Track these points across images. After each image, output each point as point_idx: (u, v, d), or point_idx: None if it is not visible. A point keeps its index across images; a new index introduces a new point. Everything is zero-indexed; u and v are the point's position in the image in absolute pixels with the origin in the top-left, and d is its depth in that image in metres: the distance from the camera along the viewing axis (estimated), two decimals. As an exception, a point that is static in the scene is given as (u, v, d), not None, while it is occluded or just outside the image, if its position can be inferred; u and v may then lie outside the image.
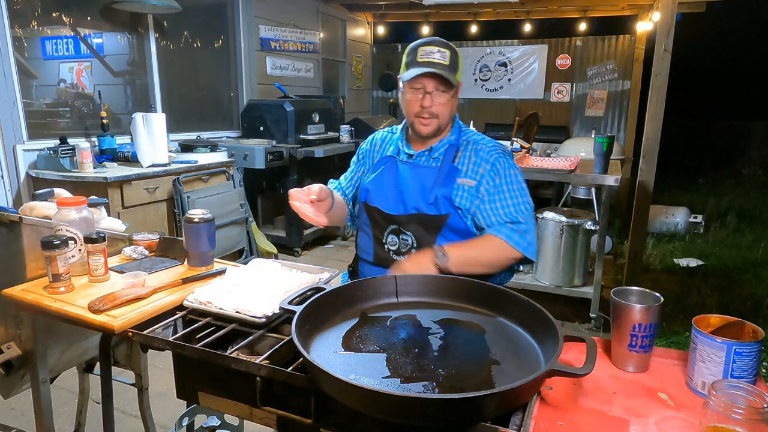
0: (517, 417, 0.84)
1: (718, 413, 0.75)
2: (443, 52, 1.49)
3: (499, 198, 1.52)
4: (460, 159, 1.57)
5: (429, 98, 1.51)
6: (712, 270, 4.41)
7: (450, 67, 1.49)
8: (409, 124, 1.60)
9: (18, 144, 3.22)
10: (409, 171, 1.59)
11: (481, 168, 1.54)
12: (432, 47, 1.50)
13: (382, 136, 1.76)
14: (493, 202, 1.52)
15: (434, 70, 1.46)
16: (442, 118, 1.54)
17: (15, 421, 2.26)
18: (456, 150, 1.58)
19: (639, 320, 1.02)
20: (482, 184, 1.53)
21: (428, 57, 1.49)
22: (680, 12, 5.39)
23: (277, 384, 0.98)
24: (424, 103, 1.51)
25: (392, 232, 1.58)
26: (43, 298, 1.24)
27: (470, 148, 1.58)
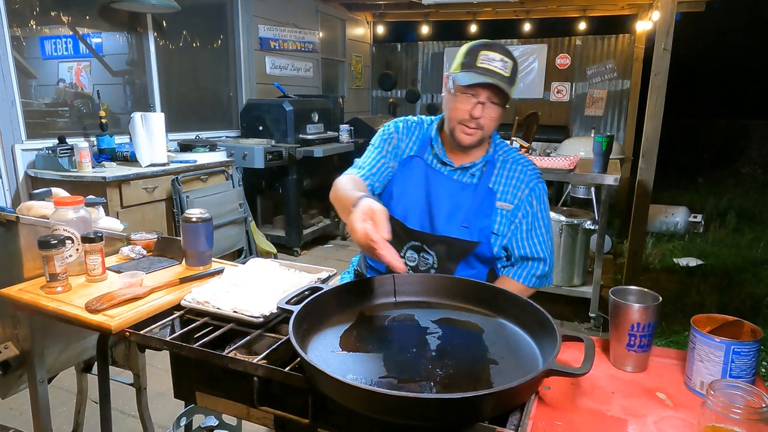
0: (515, 417, 0.84)
1: (716, 413, 0.75)
2: (506, 62, 1.37)
3: (535, 231, 1.48)
4: (496, 179, 1.48)
5: (480, 108, 1.38)
6: (711, 269, 4.41)
7: (509, 79, 1.37)
8: (449, 129, 1.45)
9: (17, 144, 3.22)
10: (443, 184, 1.47)
11: (519, 192, 1.47)
12: (495, 53, 1.37)
13: (409, 124, 1.58)
14: (529, 235, 1.48)
15: (494, 81, 1.34)
16: (487, 131, 1.43)
17: (13, 421, 2.25)
18: (493, 168, 1.49)
19: (637, 320, 1.01)
20: (520, 209, 1.47)
21: (489, 64, 1.36)
22: (680, 11, 5.39)
23: (274, 384, 0.98)
24: (474, 113, 1.38)
25: (413, 248, 1.49)
26: (40, 298, 1.24)
27: (507, 167, 1.49)
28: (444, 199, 1.47)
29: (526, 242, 1.49)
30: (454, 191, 1.47)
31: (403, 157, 1.54)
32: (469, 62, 1.38)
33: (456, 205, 1.46)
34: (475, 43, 1.42)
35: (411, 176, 1.50)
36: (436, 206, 1.47)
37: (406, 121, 1.59)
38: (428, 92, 7.84)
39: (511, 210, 1.47)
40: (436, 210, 1.46)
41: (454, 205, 1.46)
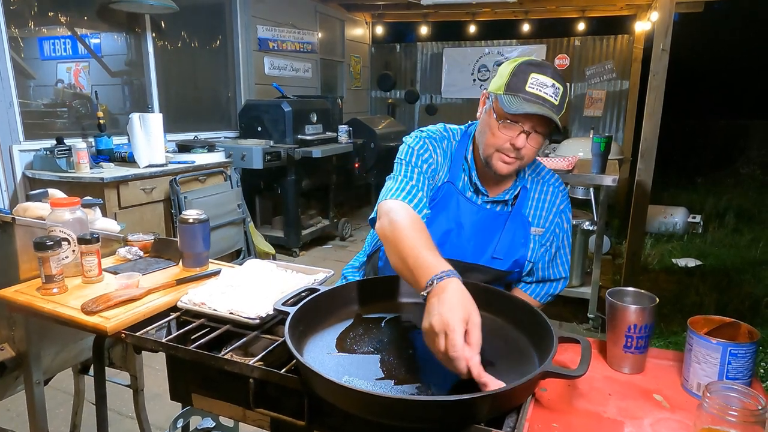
0: (512, 419, 0.84)
1: (712, 415, 0.74)
2: (557, 89, 1.22)
3: (560, 252, 1.45)
4: (529, 203, 1.40)
5: (524, 138, 1.24)
6: (710, 270, 4.41)
7: (559, 107, 1.23)
8: (485, 155, 1.31)
9: (14, 144, 3.22)
10: (475, 214, 1.37)
11: (551, 215, 1.40)
12: (547, 78, 1.22)
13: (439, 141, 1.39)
14: (555, 257, 1.45)
15: (545, 112, 1.19)
16: (527, 161, 1.29)
17: (10, 423, 2.25)
18: (526, 193, 1.40)
19: (634, 321, 1.01)
20: (550, 232, 1.41)
21: (540, 90, 1.21)
22: (678, 12, 5.40)
23: (270, 385, 0.97)
24: (517, 143, 1.24)
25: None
26: (36, 300, 1.23)
27: (538, 189, 1.41)
28: (477, 231, 1.36)
29: (551, 264, 1.47)
30: (487, 223, 1.37)
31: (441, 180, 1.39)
32: (516, 84, 1.22)
33: (488, 237, 1.36)
34: (524, 61, 1.26)
35: (443, 203, 1.37)
36: (468, 238, 1.36)
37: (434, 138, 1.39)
38: (427, 93, 7.84)
39: (542, 234, 1.41)
40: (469, 242, 1.36)
41: (487, 237, 1.36)
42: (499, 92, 1.25)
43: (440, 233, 1.35)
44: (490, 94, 1.30)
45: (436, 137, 1.39)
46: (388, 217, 1.16)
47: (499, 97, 1.24)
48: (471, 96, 7.52)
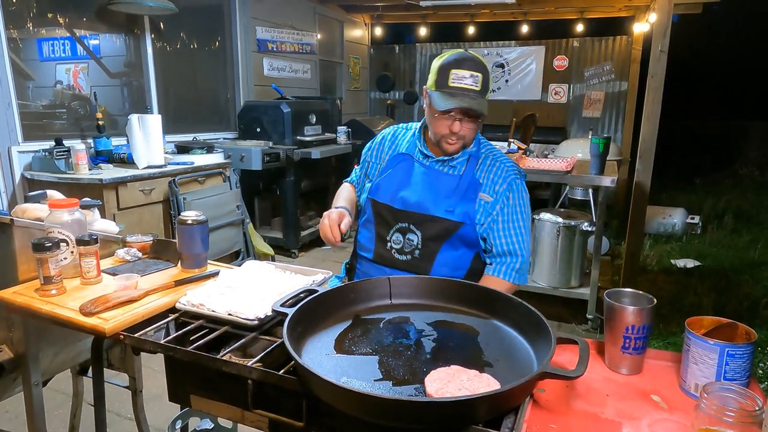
0: (510, 420, 0.84)
1: (709, 416, 0.74)
2: (475, 77, 1.43)
3: (511, 224, 1.54)
4: (479, 172, 1.56)
5: (458, 125, 1.47)
6: (709, 271, 4.41)
7: (481, 92, 1.45)
8: (435, 140, 1.55)
9: (13, 146, 3.22)
10: (427, 174, 1.57)
11: (498, 186, 1.54)
12: (464, 71, 1.43)
13: (395, 132, 1.72)
14: (505, 226, 1.54)
15: (464, 103, 1.42)
16: (468, 140, 1.53)
17: (8, 424, 2.25)
18: (476, 162, 1.57)
19: (632, 322, 1.01)
20: (498, 202, 1.54)
21: (460, 82, 1.43)
22: (677, 13, 5.40)
23: (268, 387, 0.97)
24: (454, 129, 1.47)
25: (399, 230, 1.57)
26: (34, 301, 1.23)
27: (489, 162, 1.57)
28: (428, 186, 1.55)
29: (503, 234, 1.55)
30: (438, 179, 1.56)
31: (388, 157, 1.67)
32: (441, 81, 1.45)
33: (440, 192, 1.54)
34: (446, 59, 1.47)
35: (398, 169, 1.61)
36: (422, 192, 1.55)
37: (383, 136, 1.73)
38: (426, 94, 7.83)
39: (491, 202, 1.54)
40: (422, 196, 1.54)
41: (438, 192, 1.54)
42: (431, 89, 1.49)
43: (399, 191, 1.57)
44: (426, 90, 1.52)
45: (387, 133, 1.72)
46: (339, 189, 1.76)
47: (431, 93, 1.49)
48: (470, 97, 7.51)
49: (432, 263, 1.54)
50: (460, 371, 0.90)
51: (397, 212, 1.56)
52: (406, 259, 1.55)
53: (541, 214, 3.54)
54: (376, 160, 1.71)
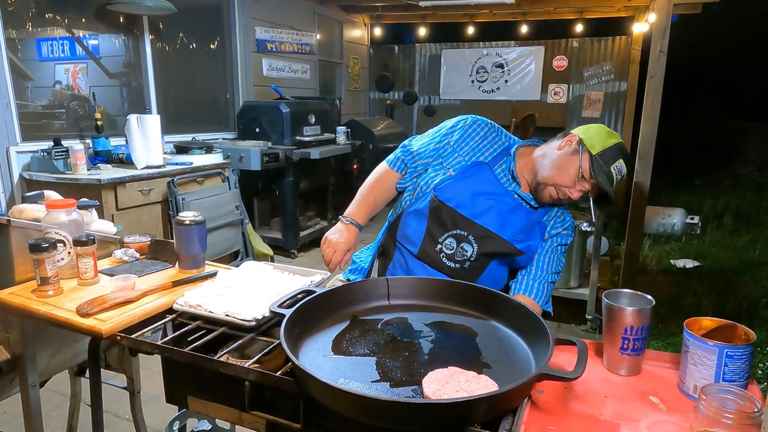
0: (508, 421, 0.84)
1: (708, 417, 0.74)
2: (622, 176, 1.46)
3: (551, 258, 1.55)
4: (546, 217, 1.57)
5: (578, 194, 1.46)
6: (708, 271, 4.41)
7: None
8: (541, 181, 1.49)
9: (11, 146, 3.21)
10: (503, 195, 1.52)
11: (557, 230, 1.56)
12: (624, 166, 1.45)
13: (488, 129, 1.60)
14: (545, 256, 1.54)
15: (609, 191, 1.42)
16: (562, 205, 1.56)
17: (6, 426, 2.24)
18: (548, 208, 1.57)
19: (631, 323, 1.01)
20: (549, 241, 1.55)
21: (618, 174, 1.44)
22: (676, 13, 5.40)
23: (266, 388, 0.97)
24: (573, 196, 1.45)
25: (454, 236, 1.50)
26: (31, 302, 1.23)
27: (557, 211, 1.58)
28: (503, 206, 1.51)
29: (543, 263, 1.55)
30: (512, 206, 1.52)
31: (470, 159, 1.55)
32: (606, 159, 1.42)
33: (511, 219, 1.50)
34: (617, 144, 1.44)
35: (476, 178, 1.52)
36: (493, 211, 1.50)
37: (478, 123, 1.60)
38: (426, 94, 7.83)
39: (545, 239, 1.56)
40: (493, 214, 1.50)
41: (510, 218, 1.50)
42: (593, 152, 1.43)
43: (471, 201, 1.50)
44: (581, 145, 1.45)
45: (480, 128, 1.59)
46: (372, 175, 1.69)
47: (592, 157, 1.42)
48: (469, 97, 7.53)
49: (478, 277, 1.51)
50: (458, 372, 0.90)
51: (460, 219, 1.49)
52: (454, 267, 1.51)
53: (540, 214, 3.53)
54: (459, 148, 1.56)
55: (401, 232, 1.57)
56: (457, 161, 1.55)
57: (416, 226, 1.54)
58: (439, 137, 1.60)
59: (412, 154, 1.61)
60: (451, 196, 1.50)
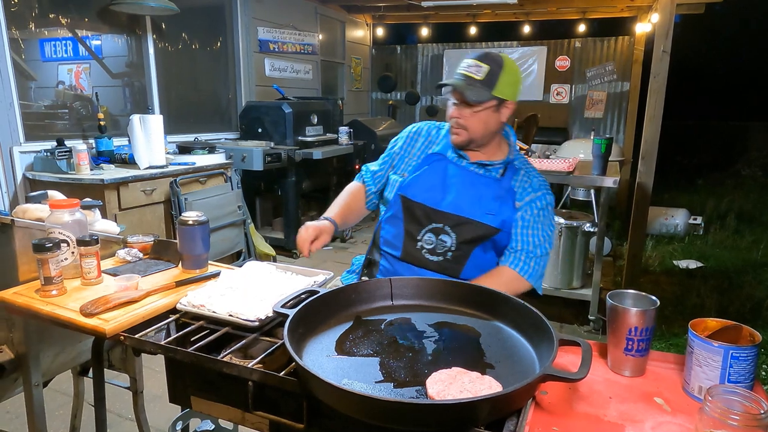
0: (512, 422, 0.83)
1: (714, 419, 0.74)
2: (480, 67, 1.48)
3: (533, 228, 1.53)
4: (514, 182, 1.57)
5: (456, 109, 1.52)
6: (711, 272, 4.40)
7: (483, 82, 1.47)
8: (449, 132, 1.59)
9: (15, 146, 3.22)
10: (462, 175, 1.57)
11: (527, 196, 1.55)
12: (472, 60, 1.50)
13: (428, 129, 1.70)
14: (526, 229, 1.53)
15: (456, 84, 1.48)
16: (472, 132, 1.53)
17: (9, 425, 2.25)
18: (513, 171, 1.58)
19: (635, 324, 1.01)
20: (524, 210, 1.54)
21: (465, 69, 1.49)
22: (679, 13, 5.39)
23: (269, 388, 0.97)
24: (452, 114, 1.53)
25: (432, 231, 1.54)
26: (35, 302, 1.23)
27: (523, 174, 1.58)
28: (465, 188, 1.55)
29: (522, 233, 1.54)
30: (475, 182, 1.55)
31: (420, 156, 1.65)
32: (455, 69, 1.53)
33: (479, 195, 1.54)
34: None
35: (432, 168, 1.59)
36: (458, 194, 1.54)
37: (418, 128, 1.71)
38: (428, 94, 7.83)
39: (519, 207, 1.55)
40: (459, 198, 1.54)
41: (476, 195, 1.54)
42: None
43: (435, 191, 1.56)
44: None
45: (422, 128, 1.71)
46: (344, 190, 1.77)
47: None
48: (471, 97, 7.51)
49: (464, 266, 1.53)
50: (462, 373, 0.90)
51: (432, 212, 1.54)
52: (437, 260, 1.53)
53: (542, 214, 3.53)
54: (406, 154, 1.68)
55: (383, 239, 1.64)
56: (409, 164, 1.65)
57: (395, 230, 1.60)
58: (388, 150, 1.74)
59: (371, 170, 1.76)
60: (416, 192, 1.57)
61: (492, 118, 1.52)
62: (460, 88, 1.48)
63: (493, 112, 1.51)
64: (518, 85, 1.55)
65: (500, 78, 1.48)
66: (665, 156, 4.26)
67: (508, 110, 1.54)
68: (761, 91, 11.85)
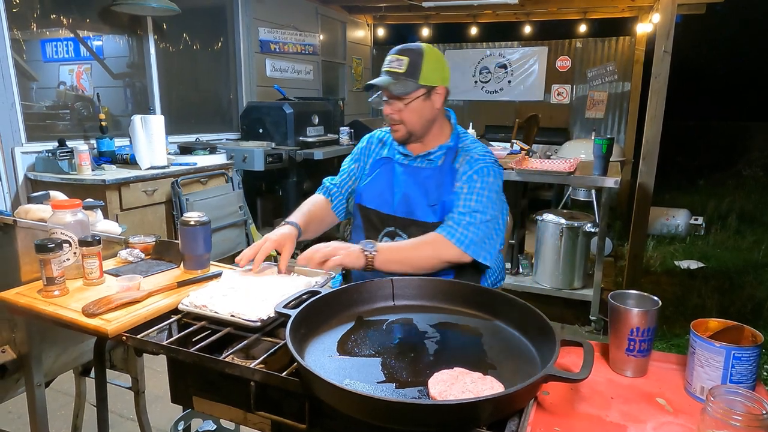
0: (514, 422, 0.83)
1: (716, 419, 0.74)
2: (400, 60, 1.51)
3: (467, 196, 1.50)
4: (456, 163, 1.58)
5: (388, 107, 1.54)
6: (712, 272, 4.39)
7: (405, 74, 1.49)
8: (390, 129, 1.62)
9: (16, 146, 3.22)
10: (407, 173, 1.60)
11: (466, 174, 1.54)
12: (392, 56, 1.53)
13: (380, 135, 1.76)
14: (461, 197, 1.50)
15: (380, 82, 1.51)
16: (410, 125, 1.54)
17: (11, 425, 2.25)
18: (454, 154, 1.58)
19: (637, 324, 1.01)
20: (462, 184, 1.53)
21: (388, 66, 1.53)
22: (680, 13, 5.38)
23: (271, 388, 0.97)
24: (385, 111, 1.55)
25: (387, 234, 1.59)
26: (37, 302, 1.23)
27: (465, 155, 1.57)
28: (410, 185, 1.57)
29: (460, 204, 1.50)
30: (418, 175, 1.58)
31: (371, 162, 1.70)
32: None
33: (423, 189, 1.56)
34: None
35: (380, 173, 1.64)
36: (404, 194, 1.57)
37: (371, 137, 1.77)
38: (429, 94, 7.83)
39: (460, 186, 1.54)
40: (405, 197, 1.56)
41: (420, 189, 1.56)
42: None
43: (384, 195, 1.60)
44: None
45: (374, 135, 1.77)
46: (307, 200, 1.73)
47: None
48: (472, 98, 7.52)
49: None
50: (464, 373, 0.90)
51: (384, 217, 1.59)
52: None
53: (544, 215, 3.53)
54: (363, 165, 1.73)
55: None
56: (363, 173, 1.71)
57: (359, 238, 1.64)
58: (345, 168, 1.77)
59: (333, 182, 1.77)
60: (369, 199, 1.62)
61: (425, 107, 1.53)
62: (385, 85, 1.50)
63: (424, 101, 1.52)
64: (444, 71, 1.55)
65: (423, 66, 1.50)
66: (666, 156, 4.26)
67: (440, 96, 1.54)
68: (762, 92, 11.84)
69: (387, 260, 1.38)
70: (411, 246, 1.45)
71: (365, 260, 1.36)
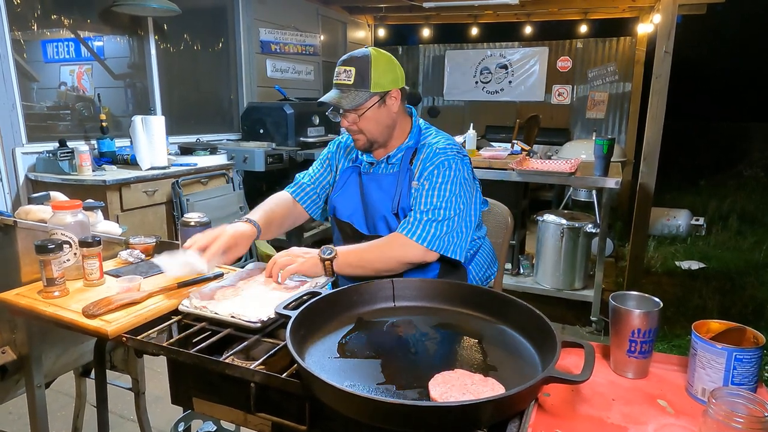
0: (514, 424, 0.83)
1: (717, 421, 0.73)
2: (348, 71, 1.47)
3: (428, 192, 1.45)
4: (414, 162, 1.53)
5: (344, 119, 1.51)
6: (713, 273, 4.39)
7: (355, 84, 1.46)
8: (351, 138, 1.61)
9: (17, 147, 3.22)
10: (371, 182, 1.58)
11: (425, 171, 1.49)
12: (339, 67, 1.49)
13: (346, 142, 1.71)
14: (421, 196, 1.46)
15: (328, 98, 1.48)
16: (369, 134, 1.51)
17: (12, 425, 2.25)
18: (413, 153, 1.54)
19: (638, 326, 1.00)
20: (420, 183, 1.48)
21: (337, 78, 1.50)
22: (681, 14, 5.38)
23: (271, 390, 0.97)
24: (342, 124, 1.52)
25: None
26: (37, 303, 1.23)
27: (425, 151, 1.52)
28: (374, 193, 1.56)
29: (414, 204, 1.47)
30: (381, 183, 1.57)
31: (340, 171, 1.68)
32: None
33: (386, 195, 1.54)
34: None
35: (348, 184, 1.63)
36: (370, 203, 1.56)
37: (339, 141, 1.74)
38: (429, 95, 7.84)
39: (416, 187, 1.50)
40: (371, 206, 1.56)
41: (385, 196, 1.54)
42: None
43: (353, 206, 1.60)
44: None
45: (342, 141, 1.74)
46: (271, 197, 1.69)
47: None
48: (473, 98, 7.52)
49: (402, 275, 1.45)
50: (465, 375, 0.90)
51: (356, 231, 1.58)
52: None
53: (544, 215, 3.53)
54: (334, 172, 1.71)
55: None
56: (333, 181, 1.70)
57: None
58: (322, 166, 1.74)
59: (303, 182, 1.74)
60: (342, 211, 1.61)
61: (381, 114, 1.49)
62: (335, 101, 1.47)
63: (379, 108, 1.48)
64: (394, 72, 1.50)
65: (372, 73, 1.46)
66: (667, 157, 4.25)
67: (395, 99, 1.50)
68: (763, 92, 11.83)
69: (346, 264, 1.35)
70: (369, 248, 1.40)
71: (323, 266, 1.33)
